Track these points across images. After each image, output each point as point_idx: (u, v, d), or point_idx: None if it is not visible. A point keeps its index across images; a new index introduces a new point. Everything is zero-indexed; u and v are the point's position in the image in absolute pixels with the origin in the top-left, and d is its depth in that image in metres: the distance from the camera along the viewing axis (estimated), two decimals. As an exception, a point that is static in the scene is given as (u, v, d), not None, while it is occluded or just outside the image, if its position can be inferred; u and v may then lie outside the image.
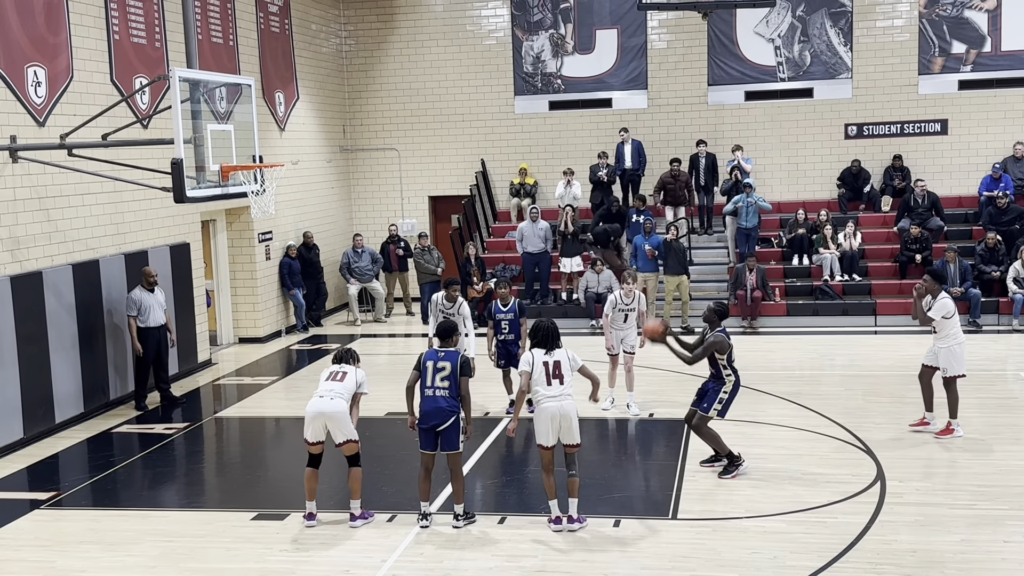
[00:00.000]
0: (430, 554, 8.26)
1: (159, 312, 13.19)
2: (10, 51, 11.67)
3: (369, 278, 19.36)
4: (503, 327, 12.08)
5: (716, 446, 9.96)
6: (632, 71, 20.53)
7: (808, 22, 19.96)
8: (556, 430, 8.62)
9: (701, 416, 9.92)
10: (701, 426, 9.93)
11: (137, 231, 14.02)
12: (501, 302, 12.16)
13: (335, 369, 9.09)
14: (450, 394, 8.64)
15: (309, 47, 19.86)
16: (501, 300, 12.20)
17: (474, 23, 20.98)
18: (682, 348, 10.14)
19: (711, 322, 9.97)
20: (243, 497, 9.89)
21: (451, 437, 8.68)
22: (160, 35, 14.66)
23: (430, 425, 8.66)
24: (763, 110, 20.26)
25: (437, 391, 8.66)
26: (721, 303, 10.17)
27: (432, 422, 8.65)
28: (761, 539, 8.34)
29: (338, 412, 8.78)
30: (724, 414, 9.98)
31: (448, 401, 8.64)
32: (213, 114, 11.72)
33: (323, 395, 8.84)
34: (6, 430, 11.34)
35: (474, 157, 21.16)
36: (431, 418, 8.65)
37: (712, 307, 10.01)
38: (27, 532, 9.08)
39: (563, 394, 8.65)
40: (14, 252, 11.73)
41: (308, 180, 19.53)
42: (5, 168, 11.61)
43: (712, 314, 9.97)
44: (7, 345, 11.37)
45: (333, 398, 8.82)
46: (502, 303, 12.15)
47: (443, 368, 8.66)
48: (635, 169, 19.67)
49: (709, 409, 9.89)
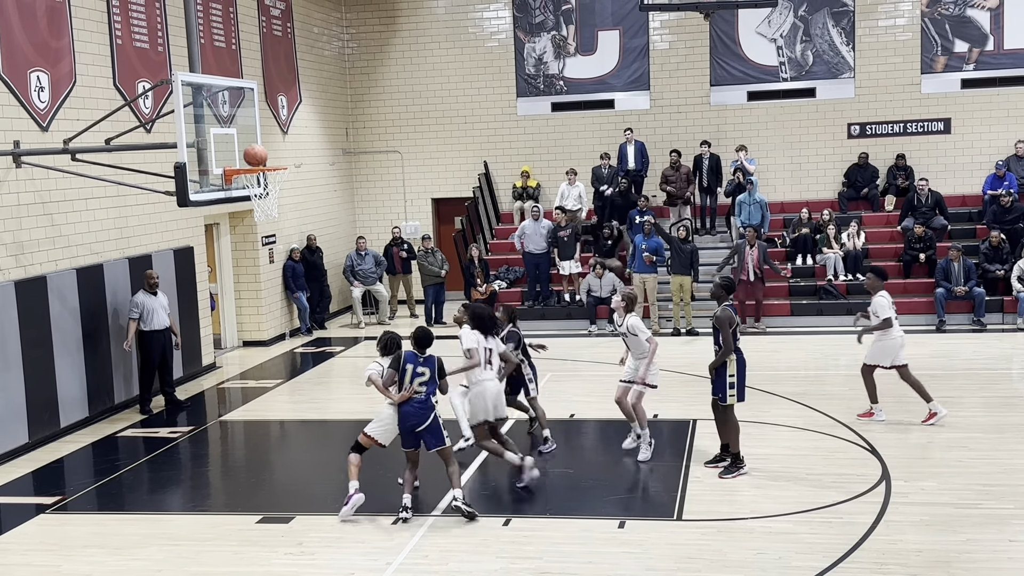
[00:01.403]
0: (435, 556, 8.26)
1: (162, 315, 13.20)
2: (13, 56, 11.69)
3: (373, 281, 19.36)
4: None
5: (730, 440, 9.88)
6: (634, 72, 20.53)
7: (810, 22, 19.95)
8: (493, 408, 9.62)
9: (722, 406, 9.84)
10: (726, 416, 9.85)
11: (141, 235, 14.04)
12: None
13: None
14: (427, 395, 8.96)
15: (311, 50, 19.88)
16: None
17: (476, 25, 20.99)
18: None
19: (719, 297, 9.95)
20: (248, 500, 9.89)
21: (433, 435, 9.01)
22: (163, 39, 14.68)
23: (409, 425, 8.95)
24: (766, 110, 20.25)
25: (415, 394, 8.94)
26: (727, 277, 10.23)
27: (410, 422, 8.94)
28: (766, 539, 8.34)
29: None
30: (742, 397, 9.87)
31: (426, 402, 8.96)
32: (216, 118, 11.73)
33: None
34: (11, 435, 11.36)
35: (477, 159, 21.17)
36: (409, 418, 8.94)
37: (719, 282, 10.03)
38: (32, 536, 9.09)
39: (493, 376, 9.77)
40: (18, 257, 11.75)
41: (311, 183, 19.55)
42: (9, 173, 11.64)
43: (720, 289, 9.98)
44: (12, 350, 11.39)
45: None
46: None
47: (422, 373, 8.95)
48: (638, 170, 19.67)
49: (725, 397, 9.78)
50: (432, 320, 19.03)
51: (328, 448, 11.42)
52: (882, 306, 11.35)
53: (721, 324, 9.72)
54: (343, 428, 11.75)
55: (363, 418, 12.64)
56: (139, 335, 13.10)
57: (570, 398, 13.11)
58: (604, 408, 12.52)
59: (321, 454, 11.51)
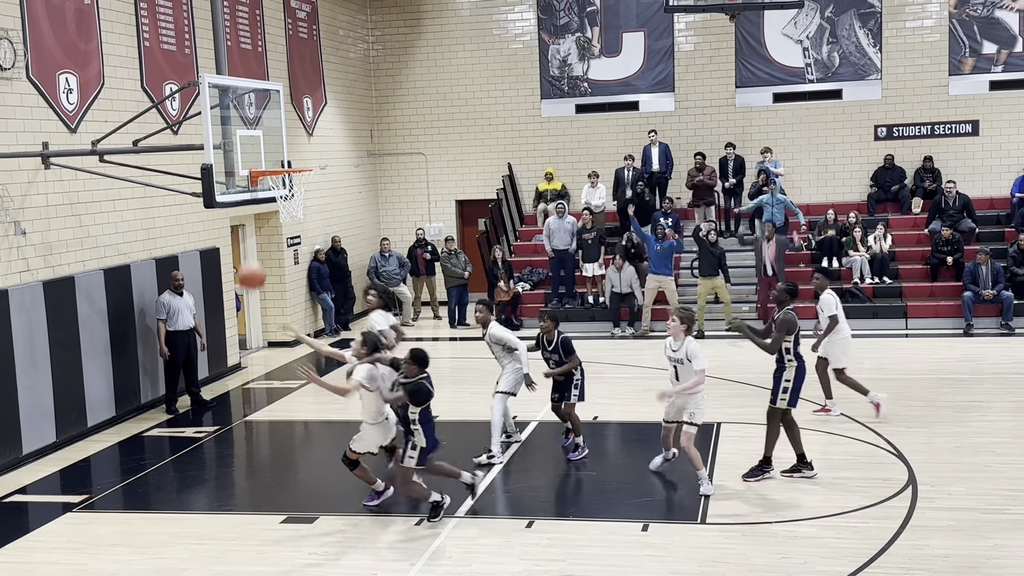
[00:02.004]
0: (458, 558, 8.27)
1: (188, 315, 13.30)
2: (42, 58, 11.81)
3: (396, 282, 19.42)
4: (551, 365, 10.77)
5: (768, 444, 9.78)
6: (659, 74, 20.48)
7: (837, 23, 19.83)
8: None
9: (772, 409, 9.76)
10: (778, 419, 9.75)
11: (167, 236, 14.14)
12: (546, 337, 10.65)
13: None
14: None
15: (337, 52, 19.97)
16: (546, 335, 10.68)
17: (500, 27, 21.01)
18: (756, 336, 9.97)
19: (781, 302, 9.89)
20: (272, 500, 9.94)
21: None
22: (190, 41, 14.79)
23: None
24: (791, 112, 20.15)
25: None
26: (792, 283, 10.22)
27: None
28: (791, 544, 8.28)
29: None
30: (795, 403, 9.73)
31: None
32: (242, 119, 11.79)
33: None
34: (39, 433, 11.47)
35: (501, 161, 21.18)
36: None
37: (784, 287, 10.03)
38: (59, 535, 9.18)
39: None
40: (47, 258, 11.87)
41: (336, 185, 19.63)
42: (38, 175, 11.75)
43: (783, 294, 9.95)
44: (40, 349, 11.50)
45: None
46: (547, 339, 10.63)
47: None
48: (662, 172, 19.62)
49: (776, 400, 9.68)
50: (455, 322, 19.06)
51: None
52: (828, 304, 11.67)
53: (779, 327, 9.67)
54: (367, 429, 11.77)
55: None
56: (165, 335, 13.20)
57: (594, 400, 13.05)
58: (628, 410, 12.51)
59: (345, 455, 11.52)
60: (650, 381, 12.57)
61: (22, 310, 11.23)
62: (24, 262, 11.51)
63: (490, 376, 11.31)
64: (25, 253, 11.53)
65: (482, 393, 13.60)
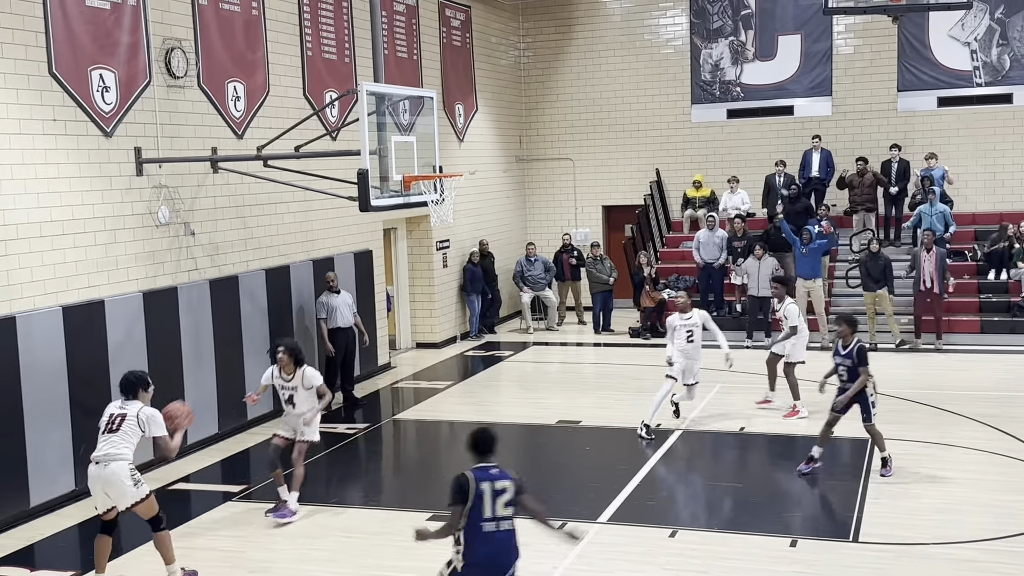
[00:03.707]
0: (600, 564, 8.25)
1: (347, 313, 13.74)
2: (212, 68, 12.43)
3: (542, 286, 19.53)
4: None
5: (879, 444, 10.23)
6: (816, 77, 19.92)
7: (1008, 24, 18.84)
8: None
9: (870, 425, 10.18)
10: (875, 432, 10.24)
11: (324, 238, 14.65)
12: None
13: (112, 412, 7.82)
14: (511, 524, 6.28)
15: (488, 59, 20.25)
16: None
17: (652, 32, 20.87)
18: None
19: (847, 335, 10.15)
20: (419, 497, 10.14)
21: None
22: (349, 51, 15.28)
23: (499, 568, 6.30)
24: (957, 116, 19.25)
25: (502, 523, 6.23)
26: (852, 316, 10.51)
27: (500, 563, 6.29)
28: (949, 567, 7.92)
29: (114, 477, 7.56)
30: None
31: (513, 533, 6.31)
32: (396, 126, 12.10)
33: (97, 461, 7.62)
34: (203, 425, 12.02)
35: (648, 167, 21.03)
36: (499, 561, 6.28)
37: (848, 317, 10.31)
38: (219, 522, 9.62)
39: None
40: (213, 257, 12.48)
41: (484, 190, 19.90)
42: (207, 178, 12.38)
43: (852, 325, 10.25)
44: (205, 345, 12.10)
45: (107, 464, 7.56)
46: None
47: (503, 490, 6.26)
48: (821, 178, 19.04)
49: (870, 417, 10.11)
50: (599, 327, 19.02)
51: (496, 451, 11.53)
52: (792, 314, 12.33)
53: (862, 359, 10.02)
54: (511, 432, 11.90)
55: (530, 422, 12.85)
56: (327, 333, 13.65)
57: (740, 411, 12.84)
58: (775, 422, 12.22)
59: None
60: (805, 395, 12.26)
61: (189, 307, 11.85)
62: (192, 261, 12.14)
63: (632, 382, 11.28)
64: (194, 253, 12.16)
65: (625, 399, 13.55)
